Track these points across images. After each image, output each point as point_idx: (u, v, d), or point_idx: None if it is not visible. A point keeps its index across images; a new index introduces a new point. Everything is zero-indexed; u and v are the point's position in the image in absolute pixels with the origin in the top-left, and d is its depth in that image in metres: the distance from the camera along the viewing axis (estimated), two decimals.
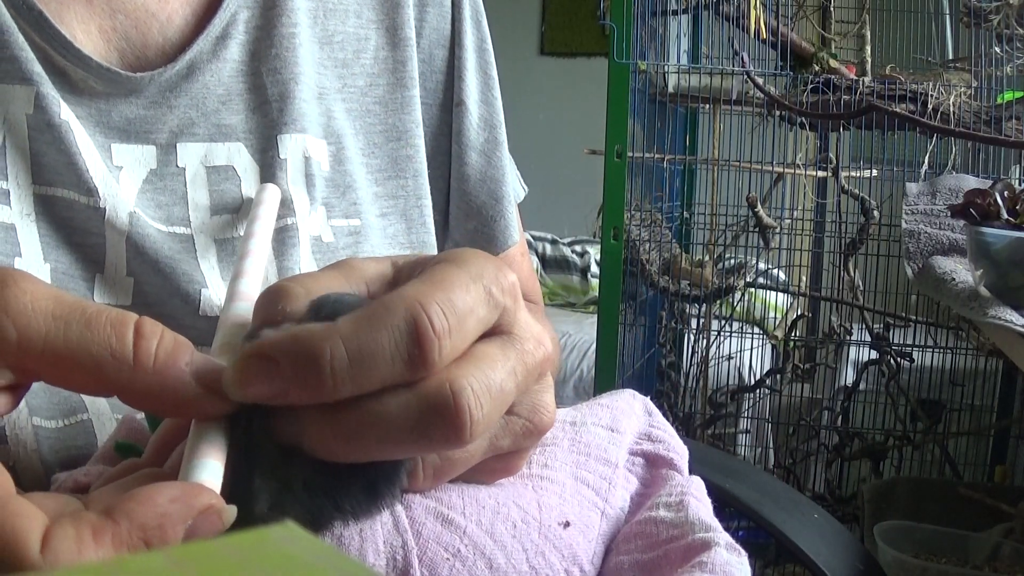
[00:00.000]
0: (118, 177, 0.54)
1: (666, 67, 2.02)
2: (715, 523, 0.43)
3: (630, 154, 1.83)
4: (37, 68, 0.51)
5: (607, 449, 0.47)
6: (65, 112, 0.52)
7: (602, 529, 0.44)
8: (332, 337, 0.32)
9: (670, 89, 1.98)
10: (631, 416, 0.50)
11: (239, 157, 0.57)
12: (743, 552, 0.42)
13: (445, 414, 0.33)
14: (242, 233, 0.57)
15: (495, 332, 0.37)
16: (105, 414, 0.51)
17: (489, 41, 0.72)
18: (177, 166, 0.56)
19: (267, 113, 0.59)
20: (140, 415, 0.45)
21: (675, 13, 2.09)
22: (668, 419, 0.53)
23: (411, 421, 0.33)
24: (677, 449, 0.50)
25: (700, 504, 0.45)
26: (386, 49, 0.65)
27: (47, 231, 0.52)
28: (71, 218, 0.52)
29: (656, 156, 1.94)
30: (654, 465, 0.49)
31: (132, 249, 0.53)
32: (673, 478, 0.48)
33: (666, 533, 0.43)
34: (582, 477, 0.45)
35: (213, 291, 0.55)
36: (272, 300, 0.37)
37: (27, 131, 0.52)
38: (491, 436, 0.38)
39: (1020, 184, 1.67)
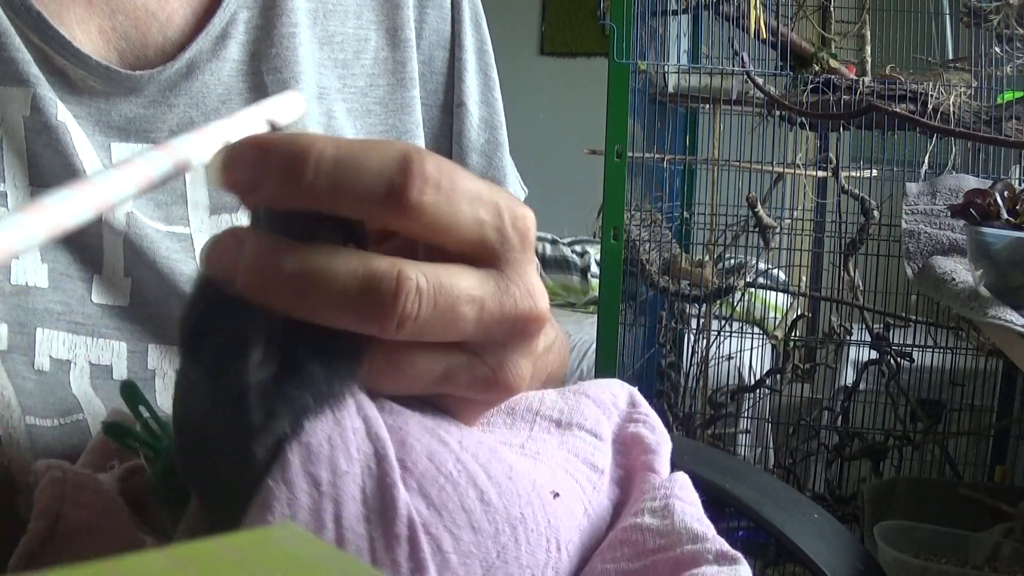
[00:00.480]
0: None
1: (666, 67, 2.02)
2: (704, 528, 0.42)
3: (630, 154, 1.83)
4: (34, 70, 0.51)
5: (594, 455, 0.46)
6: (62, 113, 0.52)
7: (582, 524, 0.43)
8: (325, 141, 0.33)
9: (670, 89, 1.98)
10: (613, 415, 0.50)
11: None
12: (738, 557, 0.40)
13: (379, 292, 0.33)
14: None
15: (486, 263, 0.36)
16: (101, 415, 0.51)
17: (489, 43, 0.72)
18: None
19: None
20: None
21: (675, 13, 2.09)
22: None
23: (346, 284, 0.33)
24: (654, 447, 0.48)
25: (687, 506, 0.43)
26: (386, 50, 0.65)
27: None
28: None
29: (656, 156, 1.94)
30: (631, 472, 0.48)
31: (129, 249, 0.53)
32: (652, 480, 0.47)
33: (653, 543, 0.42)
34: (572, 473, 0.45)
35: None
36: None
37: (24, 133, 0.52)
38: (446, 367, 0.37)
39: (1020, 184, 1.67)
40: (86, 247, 0.53)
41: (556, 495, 0.41)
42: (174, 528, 0.38)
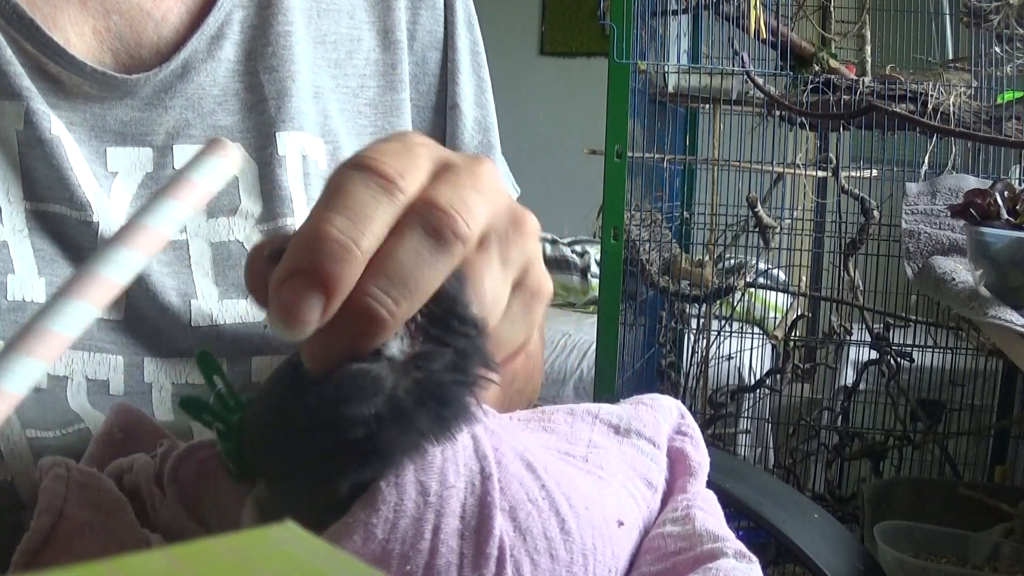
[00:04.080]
0: (112, 185, 0.54)
1: (666, 67, 2.02)
2: (724, 532, 0.43)
3: (630, 154, 1.83)
4: (26, 82, 0.51)
5: (650, 468, 0.46)
6: (56, 127, 0.52)
7: (635, 546, 0.44)
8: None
9: (670, 89, 1.98)
10: (668, 422, 0.50)
11: None
12: (754, 559, 0.41)
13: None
14: (236, 234, 0.57)
15: None
16: (101, 423, 0.51)
17: (481, 44, 0.71)
18: (173, 168, 0.56)
19: (264, 111, 0.58)
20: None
21: (675, 13, 2.09)
22: None
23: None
24: (695, 468, 0.48)
25: (707, 515, 0.44)
26: (378, 51, 0.65)
27: (41, 246, 0.52)
28: (63, 233, 0.52)
29: (656, 156, 1.94)
30: (671, 490, 0.48)
31: None
32: (678, 497, 0.47)
33: (674, 546, 0.42)
34: (631, 492, 0.45)
35: (204, 301, 0.55)
36: None
37: (17, 147, 0.51)
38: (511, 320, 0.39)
39: (1020, 184, 1.67)
40: (82, 260, 0.52)
41: (621, 524, 0.42)
42: (240, 501, 0.38)
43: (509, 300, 0.38)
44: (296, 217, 0.58)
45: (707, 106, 2.01)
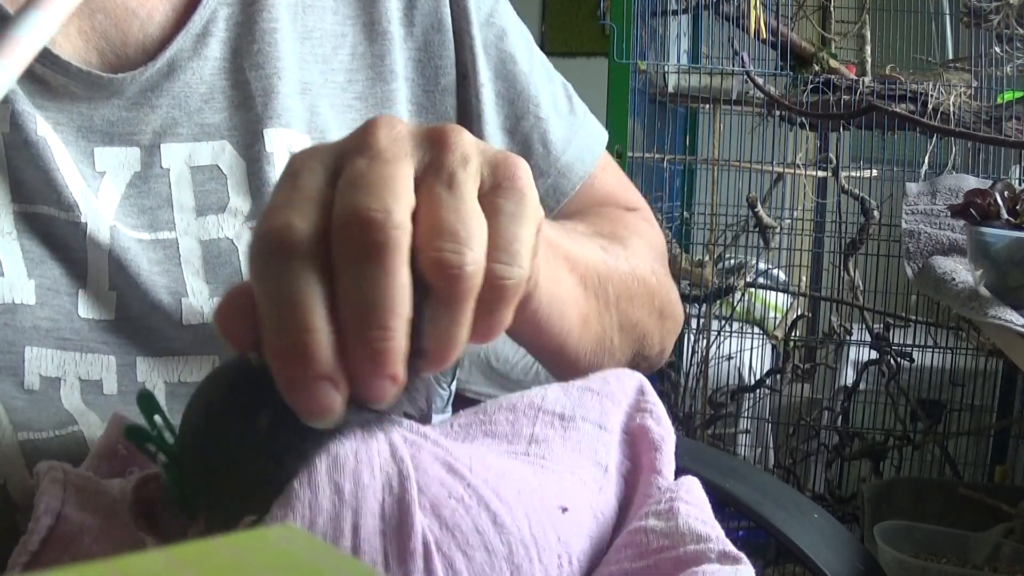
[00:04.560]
0: (100, 185, 0.54)
1: (666, 67, 2.02)
2: (709, 530, 0.42)
3: (630, 154, 1.83)
4: None
5: (597, 450, 0.46)
6: (42, 128, 0.51)
7: (592, 531, 0.43)
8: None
9: (670, 89, 1.98)
10: (622, 403, 0.49)
11: (224, 155, 0.57)
12: (741, 558, 0.40)
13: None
14: (225, 232, 0.56)
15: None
16: (95, 425, 0.51)
17: (505, 16, 0.69)
18: (161, 167, 0.55)
19: (251, 108, 0.58)
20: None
21: (675, 13, 2.09)
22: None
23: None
24: (658, 443, 0.48)
25: (691, 508, 0.43)
26: (363, 44, 0.64)
27: (30, 247, 0.51)
28: (52, 234, 0.52)
29: (656, 156, 1.94)
30: (637, 468, 0.48)
31: (114, 264, 0.53)
32: (658, 483, 0.46)
33: (656, 543, 0.42)
34: (580, 475, 0.45)
35: (194, 299, 0.54)
36: None
37: (4, 149, 0.51)
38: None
39: (1020, 184, 1.67)
40: (71, 262, 0.52)
41: (564, 510, 0.42)
42: (185, 534, 0.38)
43: (487, 199, 0.37)
44: None
45: (707, 106, 2.01)
